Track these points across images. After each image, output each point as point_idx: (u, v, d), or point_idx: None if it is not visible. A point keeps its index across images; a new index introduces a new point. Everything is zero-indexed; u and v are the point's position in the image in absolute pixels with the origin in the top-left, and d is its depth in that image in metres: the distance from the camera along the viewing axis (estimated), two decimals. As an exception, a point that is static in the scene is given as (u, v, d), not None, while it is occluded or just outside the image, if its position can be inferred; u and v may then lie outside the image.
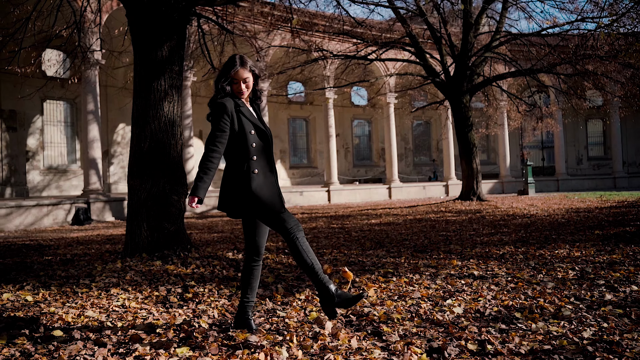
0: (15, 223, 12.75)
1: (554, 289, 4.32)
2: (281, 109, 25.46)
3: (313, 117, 26.68)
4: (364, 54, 16.10)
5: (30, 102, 16.78)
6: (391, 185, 23.11)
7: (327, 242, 8.15)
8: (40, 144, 17.97)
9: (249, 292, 3.29)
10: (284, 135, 26.02)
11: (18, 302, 4.25)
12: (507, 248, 6.73)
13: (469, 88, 15.80)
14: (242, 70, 3.14)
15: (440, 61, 15.89)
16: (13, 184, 16.99)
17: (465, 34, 15.48)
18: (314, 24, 17.49)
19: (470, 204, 15.19)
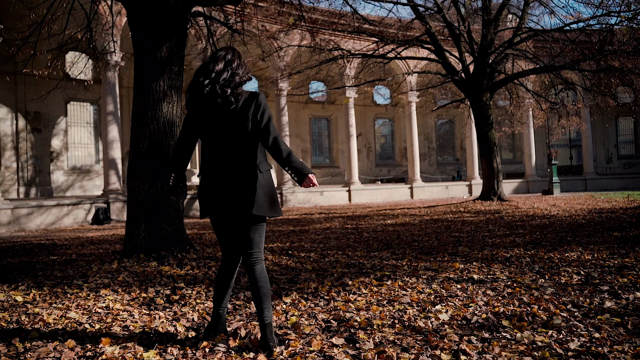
0: (37, 222, 13.01)
1: (552, 295, 4.12)
2: (302, 108, 25.42)
3: (335, 116, 26.57)
4: (383, 53, 15.92)
5: (54, 103, 17.17)
6: (413, 185, 22.84)
7: (335, 243, 8.05)
8: (64, 144, 18.34)
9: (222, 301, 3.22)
10: (305, 134, 25.99)
11: (7, 302, 4.27)
12: (516, 250, 6.51)
13: (489, 86, 15.45)
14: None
15: (459, 59, 15.58)
16: (38, 184, 17.38)
17: (485, 31, 15.14)
18: (332, 23, 17.38)
19: (490, 204, 14.85)
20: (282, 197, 19.37)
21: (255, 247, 3.07)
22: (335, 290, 4.49)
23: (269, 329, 2.99)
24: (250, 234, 3.06)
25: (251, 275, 3.03)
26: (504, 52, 15.29)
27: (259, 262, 3.06)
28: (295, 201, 19.71)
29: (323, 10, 17.12)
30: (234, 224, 3.07)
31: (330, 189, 21.36)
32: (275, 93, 19.55)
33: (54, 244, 8.96)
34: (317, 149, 27.13)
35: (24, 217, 12.73)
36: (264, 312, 2.99)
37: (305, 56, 17.90)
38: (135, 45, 6.14)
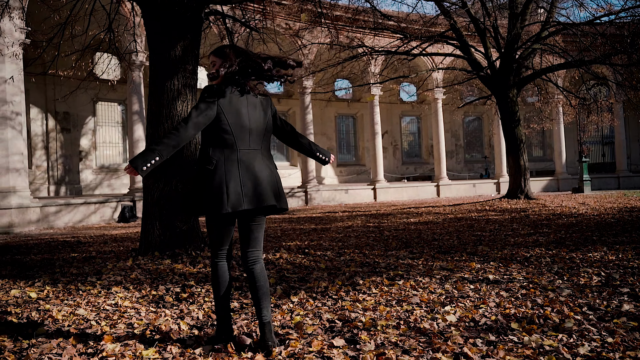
0: (65, 220, 13.30)
1: (568, 297, 3.98)
2: (326, 106, 25.36)
3: (360, 114, 26.43)
4: (407, 49, 15.74)
5: (82, 104, 17.55)
6: (439, 182, 22.56)
7: (354, 242, 7.98)
8: (92, 144, 18.72)
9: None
10: (331, 132, 25.93)
11: (22, 298, 4.35)
12: (537, 250, 6.33)
13: (516, 82, 15.10)
14: (211, 56, 3.06)
15: (485, 54, 15.28)
16: (67, 183, 17.79)
17: (512, 25, 14.80)
18: (355, 20, 17.28)
19: (517, 203, 14.54)
20: (307, 195, 19.37)
21: (259, 245, 3.07)
22: (345, 290, 4.44)
23: (268, 328, 2.95)
24: (258, 230, 3.05)
25: (252, 275, 3.00)
26: (531, 47, 14.93)
27: (260, 260, 3.05)
28: (320, 199, 19.69)
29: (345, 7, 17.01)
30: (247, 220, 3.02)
31: (356, 187, 21.26)
32: (299, 91, 19.55)
33: (79, 242, 9.14)
34: (343, 147, 27.03)
35: (53, 215, 13.03)
36: (262, 312, 2.96)
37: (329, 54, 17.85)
38: (150, 44, 6.19)
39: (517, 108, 15.41)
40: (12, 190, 11.98)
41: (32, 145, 17.02)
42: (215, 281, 3.04)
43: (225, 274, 3.04)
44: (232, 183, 2.88)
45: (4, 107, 11.87)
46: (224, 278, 3.03)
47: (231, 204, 2.85)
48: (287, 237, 8.93)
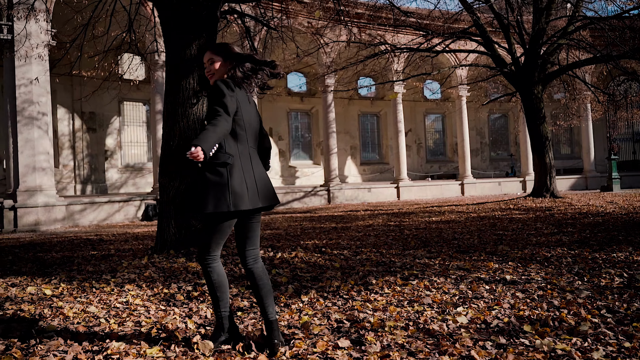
0: (89, 218, 13.53)
1: (586, 299, 3.84)
2: (348, 104, 25.26)
3: (384, 112, 26.25)
4: (430, 46, 15.54)
5: (108, 104, 17.83)
6: (464, 181, 22.26)
7: (372, 241, 7.90)
8: (117, 143, 19.02)
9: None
10: (354, 131, 25.82)
11: (37, 295, 4.41)
12: (559, 250, 6.16)
13: (541, 78, 14.77)
14: (207, 53, 3.00)
15: (509, 50, 14.98)
16: (93, 182, 18.11)
17: (536, 20, 14.48)
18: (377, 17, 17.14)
19: (542, 201, 14.23)
20: (330, 193, 19.32)
21: (258, 243, 3.07)
22: (357, 290, 4.38)
23: (275, 326, 2.92)
24: (257, 228, 3.05)
25: (253, 274, 2.97)
26: (556, 42, 14.57)
27: (260, 258, 3.05)
28: (342, 198, 19.62)
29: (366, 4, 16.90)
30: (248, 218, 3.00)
31: (378, 186, 21.13)
32: (321, 89, 19.50)
33: (101, 240, 9.27)
34: (366, 145, 26.87)
35: (78, 214, 13.27)
36: (267, 310, 2.93)
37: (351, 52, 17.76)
38: (166, 43, 6.22)
39: (542, 105, 15.07)
40: (38, 189, 12.24)
41: (59, 144, 17.37)
42: (221, 283, 2.98)
43: (224, 274, 3.04)
44: (249, 180, 2.88)
45: (31, 107, 12.13)
46: (225, 278, 3.02)
47: (251, 201, 2.85)
48: (306, 236, 8.90)
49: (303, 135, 25.27)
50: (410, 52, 15.97)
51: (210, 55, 2.99)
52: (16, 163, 12.10)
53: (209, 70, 2.99)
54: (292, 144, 24.60)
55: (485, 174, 26.73)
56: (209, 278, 2.97)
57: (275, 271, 5.25)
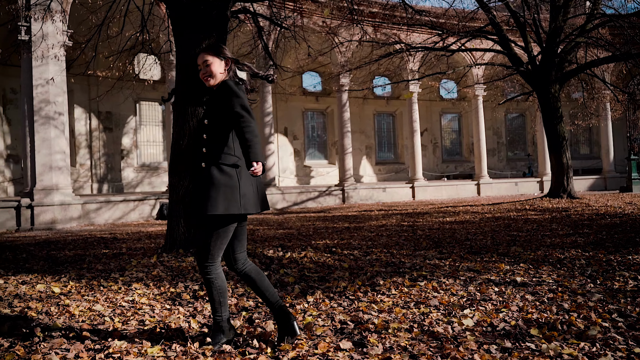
0: (105, 217, 13.66)
1: (598, 302, 3.75)
2: (363, 104, 25.16)
3: (399, 111, 26.10)
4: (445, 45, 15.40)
5: (124, 103, 17.99)
6: (480, 181, 22.04)
7: (384, 241, 7.85)
8: (134, 143, 19.19)
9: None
10: (369, 130, 25.71)
11: (45, 293, 4.44)
12: (573, 252, 6.04)
13: (558, 77, 14.54)
14: (202, 55, 2.96)
15: (525, 49, 14.78)
16: (109, 181, 18.30)
17: (553, 18, 14.25)
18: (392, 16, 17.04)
19: (559, 202, 14.01)
20: (344, 193, 19.26)
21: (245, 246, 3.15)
22: (363, 290, 4.33)
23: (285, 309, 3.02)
24: (246, 232, 3.13)
25: (250, 275, 3.03)
26: (574, 40, 14.33)
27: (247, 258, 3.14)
28: (357, 198, 19.55)
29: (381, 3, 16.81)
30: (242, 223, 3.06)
31: (393, 186, 21.01)
32: (336, 89, 19.46)
33: (114, 238, 9.35)
34: (382, 145, 26.74)
35: (93, 212, 13.40)
36: (270, 300, 3.01)
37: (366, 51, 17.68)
38: (176, 43, 6.24)
39: (560, 104, 14.84)
40: (54, 187, 12.39)
41: (76, 144, 17.58)
42: (223, 289, 2.99)
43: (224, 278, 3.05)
44: (253, 183, 2.93)
45: (47, 107, 12.28)
46: (226, 282, 3.04)
47: (255, 205, 2.92)
48: (318, 236, 8.88)
49: (318, 135, 25.24)
50: (426, 52, 15.85)
51: (205, 56, 2.96)
52: (33, 162, 12.26)
53: (205, 72, 2.96)
54: (307, 144, 24.59)
55: (502, 174, 26.44)
56: (212, 285, 2.95)
57: (283, 271, 5.23)
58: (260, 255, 6.14)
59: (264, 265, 5.51)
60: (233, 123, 2.83)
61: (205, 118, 2.92)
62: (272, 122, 17.89)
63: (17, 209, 12.16)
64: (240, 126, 2.76)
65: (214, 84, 2.97)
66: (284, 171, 23.06)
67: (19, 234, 11.10)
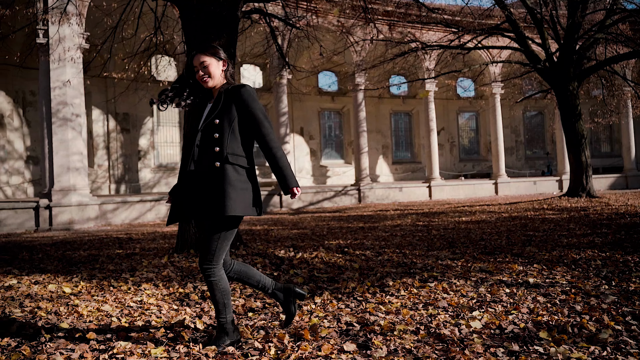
0: (122, 217, 13.80)
1: (612, 304, 3.66)
2: (383, 103, 25.05)
3: (416, 110, 25.94)
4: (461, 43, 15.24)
5: (141, 105, 18.16)
6: (497, 180, 21.80)
7: (398, 241, 7.79)
8: (151, 143, 19.36)
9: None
10: (386, 130, 25.59)
11: (56, 293, 4.48)
12: (589, 252, 5.92)
13: (576, 74, 14.29)
14: (199, 56, 2.92)
15: (542, 46, 14.55)
16: (127, 181, 18.49)
17: (572, 14, 14.01)
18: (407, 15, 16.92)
19: (578, 201, 13.77)
20: (360, 193, 19.21)
21: None
22: (372, 291, 4.29)
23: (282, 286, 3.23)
24: None
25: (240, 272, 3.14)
26: (593, 36, 14.07)
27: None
28: (373, 197, 19.48)
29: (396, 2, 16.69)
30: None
31: (410, 185, 20.88)
32: (351, 88, 19.40)
33: (130, 238, 9.43)
34: (398, 144, 26.59)
35: (110, 213, 13.55)
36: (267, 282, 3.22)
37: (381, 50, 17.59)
38: (187, 43, 6.27)
39: (578, 102, 14.58)
40: (72, 188, 12.56)
41: (94, 145, 17.80)
42: (228, 290, 2.98)
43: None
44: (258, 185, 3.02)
45: (65, 109, 12.45)
46: (228, 284, 3.02)
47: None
48: (331, 236, 8.85)
49: (335, 135, 25.20)
50: (441, 50, 15.71)
51: (201, 58, 2.93)
52: (51, 163, 12.44)
53: (204, 73, 2.92)
54: (324, 144, 24.57)
55: (520, 172, 26.12)
56: (216, 287, 2.93)
57: (293, 271, 5.21)
58: (271, 255, 6.13)
59: (274, 266, 5.50)
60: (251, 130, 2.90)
61: (216, 118, 2.90)
62: (287, 122, 17.90)
63: (36, 210, 12.35)
64: (263, 141, 2.90)
65: (213, 85, 2.96)
66: (300, 171, 23.08)
67: (38, 234, 11.27)
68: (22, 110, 16.12)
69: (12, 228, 12.15)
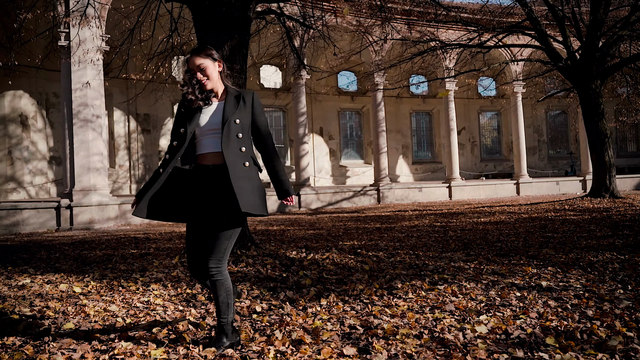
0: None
1: (625, 310, 3.54)
2: (403, 102, 24.86)
3: (436, 110, 25.68)
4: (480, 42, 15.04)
5: (162, 106, 18.36)
6: (519, 180, 21.45)
7: (413, 242, 7.71)
8: (171, 144, 19.53)
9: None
10: (406, 130, 25.40)
11: (67, 292, 4.53)
12: (607, 254, 5.77)
13: (599, 72, 13.96)
14: (195, 58, 2.90)
15: (564, 43, 14.26)
16: (148, 181, 18.68)
17: (594, 11, 13.69)
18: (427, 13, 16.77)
19: (601, 202, 13.46)
20: (379, 193, 19.10)
21: None
22: (380, 294, 4.24)
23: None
24: None
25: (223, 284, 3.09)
26: (617, 33, 13.73)
27: None
28: (392, 197, 19.35)
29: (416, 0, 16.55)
30: None
31: (430, 185, 20.68)
32: (370, 88, 19.30)
33: (147, 238, 9.51)
34: (419, 144, 26.36)
35: (130, 212, 13.70)
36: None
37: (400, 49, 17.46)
38: (199, 44, 6.27)
39: (601, 100, 14.25)
40: (92, 188, 12.74)
41: (115, 145, 18.04)
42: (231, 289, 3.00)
43: None
44: None
45: (86, 110, 12.63)
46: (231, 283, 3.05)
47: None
48: (347, 237, 8.81)
49: (354, 135, 25.11)
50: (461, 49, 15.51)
51: (198, 60, 2.91)
52: (72, 164, 12.63)
53: (204, 75, 2.91)
54: (343, 143, 24.50)
55: (543, 173, 25.67)
56: (222, 286, 2.93)
57: (302, 272, 5.19)
58: (283, 256, 6.11)
59: (284, 267, 5.47)
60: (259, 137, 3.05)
61: (236, 118, 2.91)
62: (305, 122, 17.87)
63: (57, 210, 12.56)
64: (270, 149, 3.05)
65: (211, 87, 2.95)
66: (320, 171, 23.05)
67: (58, 234, 11.46)
68: (45, 111, 16.42)
69: (35, 227, 12.39)
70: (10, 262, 6.52)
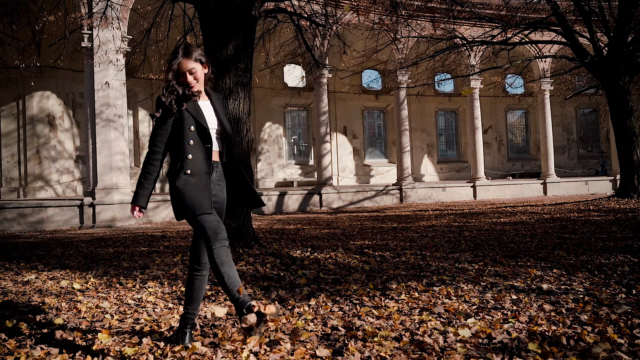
0: (162, 215, 14.15)
1: (622, 315, 3.40)
2: (428, 101, 24.58)
3: (462, 108, 25.30)
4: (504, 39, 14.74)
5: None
6: (546, 180, 20.97)
7: (425, 242, 7.60)
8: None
9: (190, 304, 3.03)
10: (431, 128, 25.10)
11: (66, 289, 4.62)
12: (620, 257, 5.56)
13: (628, 68, 13.51)
14: (186, 61, 2.84)
15: (590, 39, 13.84)
16: (171, 180, 18.94)
17: (623, 5, 13.25)
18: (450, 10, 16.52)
19: (628, 202, 13.02)
20: (402, 192, 18.93)
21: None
22: (372, 294, 4.17)
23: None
24: None
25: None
26: (646, 28, 13.29)
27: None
28: (415, 197, 19.16)
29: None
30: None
31: (453, 185, 20.40)
32: (393, 86, 19.14)
33: (163, 236, 9.64)
34: (444, 143, 26.02)
35: (151, 211, 13.92)
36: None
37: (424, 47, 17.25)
38: (205, 44, 6.32)
39: (630, 97, 13.79)
40: (114, 187, 12.98)
41: (140, 145, 18.35)
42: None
43: None
44: None
45: (108, 110, 12.88)
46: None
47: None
48: (360, 236, 8.75)
49: (379, 134, 24.95)
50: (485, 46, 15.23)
51: (190, 64, 2.86)
52: (95, 163, 12.90)
53: (194, 78, 2.88)
54: (367, 142, 24.36)
55: (573, 172, 25.03)
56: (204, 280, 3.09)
57: (301, 272, 5.16)
58: (285, 255, 6.09)
59: (284, 266, 5.46)
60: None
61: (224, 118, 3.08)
62: (327, 121, 17.83)
63: (80, 208, 12.84)
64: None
65: (198, 89, 2.92)
66: (343, 170, 22.98)
67: (80, 231, 11.72)
68: (72, 111, 16.81)
69: (59, 225, 12.69)
70: (24, 258, 6.69)
